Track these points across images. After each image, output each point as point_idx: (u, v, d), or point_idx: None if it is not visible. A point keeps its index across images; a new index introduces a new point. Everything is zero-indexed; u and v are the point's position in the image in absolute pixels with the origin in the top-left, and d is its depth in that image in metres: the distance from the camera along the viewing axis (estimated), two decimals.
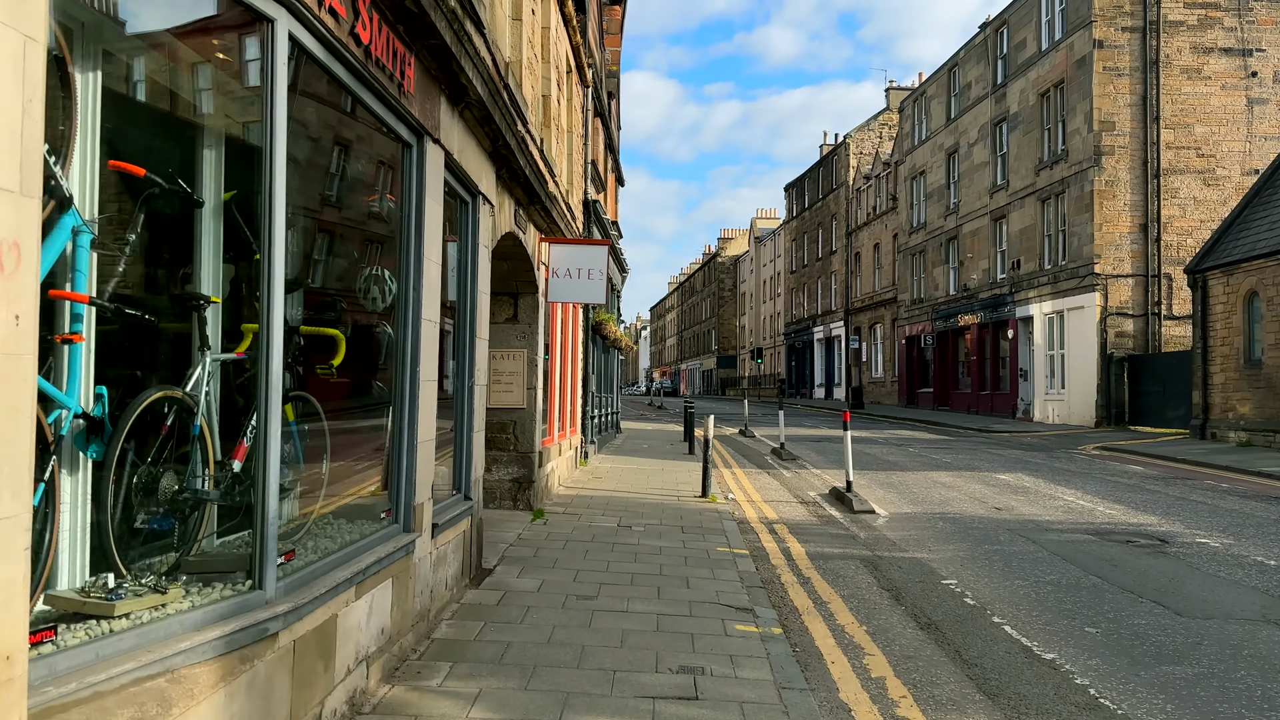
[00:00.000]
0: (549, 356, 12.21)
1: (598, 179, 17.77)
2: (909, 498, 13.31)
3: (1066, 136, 30.38)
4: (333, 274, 5.07)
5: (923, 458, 19.36)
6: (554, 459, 12.08)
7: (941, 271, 40.64)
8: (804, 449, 21.41)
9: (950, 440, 25.01)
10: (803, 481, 15.36)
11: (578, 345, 15.46)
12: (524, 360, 10.56)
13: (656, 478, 14.80)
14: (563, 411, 13.69)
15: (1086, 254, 29.02)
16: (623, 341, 19.86)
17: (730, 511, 11.60)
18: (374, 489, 5.44)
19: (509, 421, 10.57)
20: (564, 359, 13.74)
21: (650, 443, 22.88)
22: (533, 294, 10.61)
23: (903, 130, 45.71)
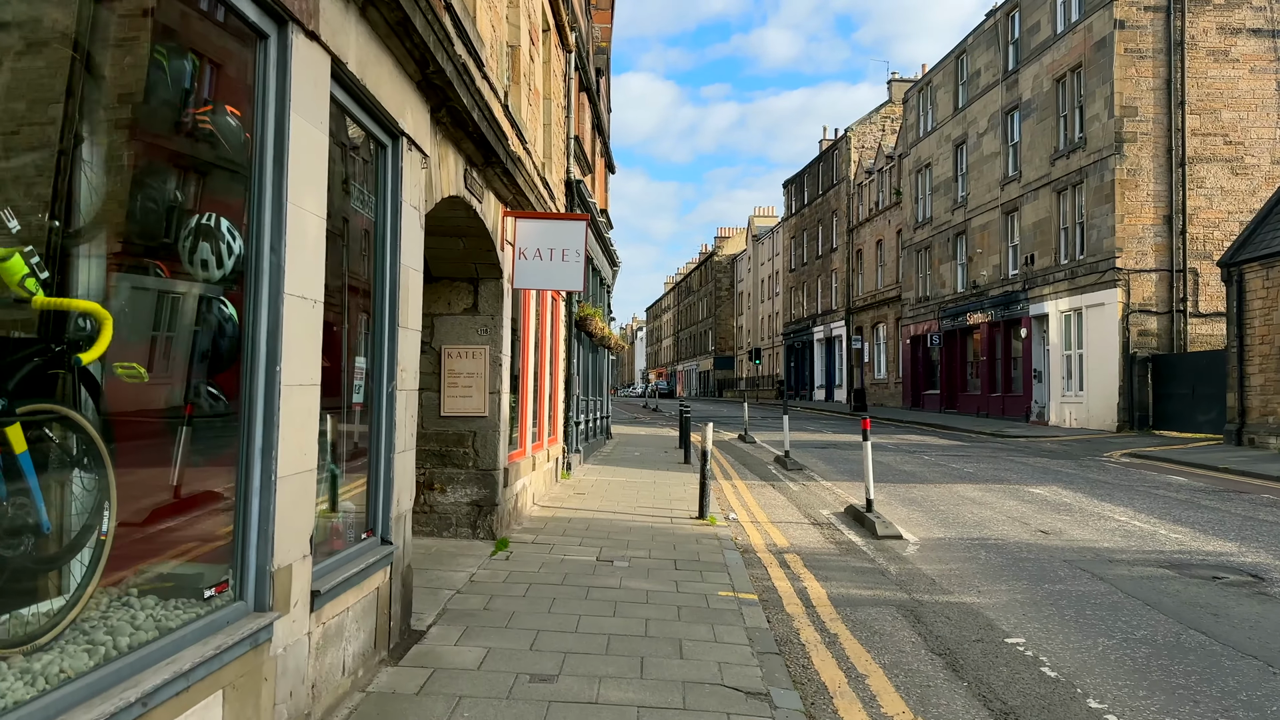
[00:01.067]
0: (519, 355, 10.44)
1: (583, 159, 16.02)
2: (938, 518, 11.55)
3: (1085, 123, 28.68)
4: (138, 220, 3.29)
5: (941, 467, 17.62)
6: (526, 475, 10.31)
7: (948, 268, 38.91)
8: (809, 457, 19.66)
9: (965, 446, 23.27)
10: (812, 497, 13.60)
11: (559, 343, 13.71)
12: (485, 359, 8.79)
13: (647, 493, 13.03)
14: (539, 418, 11.92)
15: (1107, 247, 27.31)
16: (612, 340, 18.11)
17: (732, 537, 9.84)
18: (209, 548, 3.65)
19: (467, 432, 8.81)
20: (541, 358, 11.99)
21: (643, 450, 21.11)
22: (496, 279, 8.84)
23: (907, 122, 44.01)
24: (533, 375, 10.90)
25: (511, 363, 10.41)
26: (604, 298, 21.54)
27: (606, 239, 20.11)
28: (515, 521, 9.74)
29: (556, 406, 13.70)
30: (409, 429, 5.61)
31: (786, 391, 64.39)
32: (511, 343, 10.34)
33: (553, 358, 13.56)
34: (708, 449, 10.73)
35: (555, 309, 13.60)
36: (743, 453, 21.20)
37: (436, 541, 8.59)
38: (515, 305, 10.35)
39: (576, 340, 15.95)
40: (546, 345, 12.09)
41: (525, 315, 10.50)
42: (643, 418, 41.91)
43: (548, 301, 12.08)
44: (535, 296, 11.18)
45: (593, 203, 15.73)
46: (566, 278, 8.72)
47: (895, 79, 53.33)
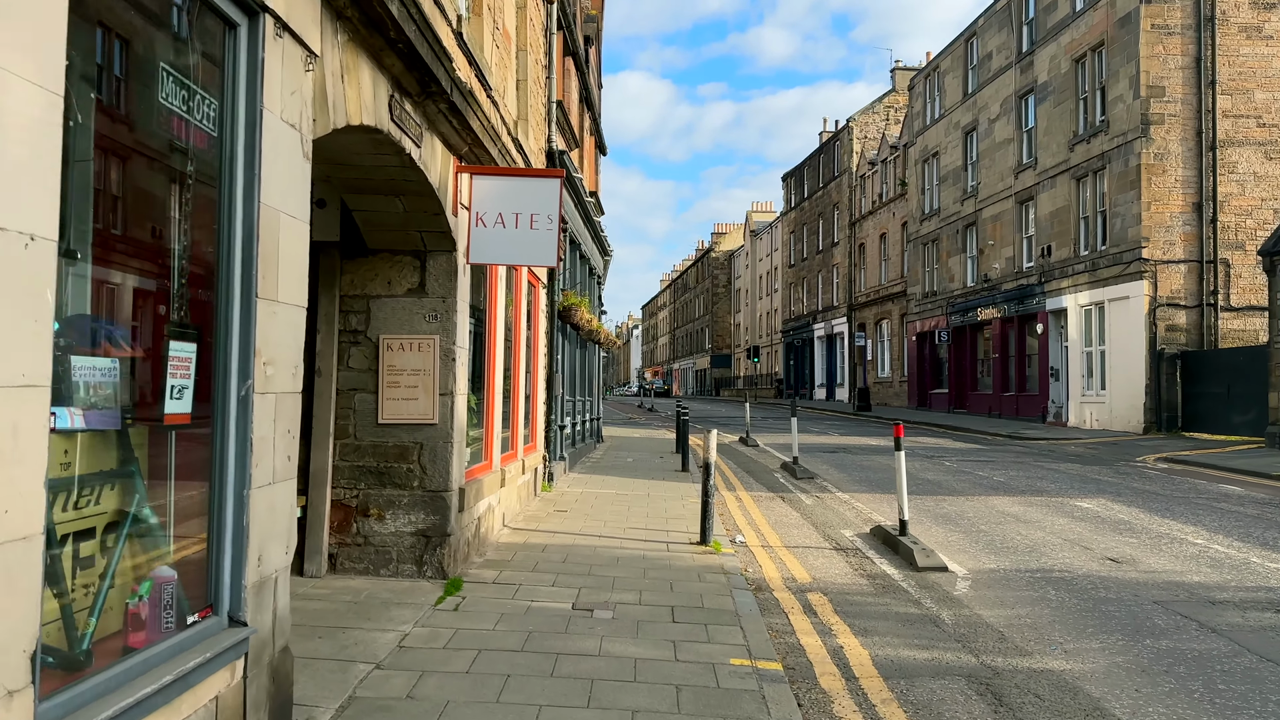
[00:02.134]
0: (485, 348, 8.67)
1: (568, 130, 14.24)
2: (982, 541, 9.79)
3: (1107, 105, 26.95)
4: None
5: (967, 475, 15.86)
6: (492, 493, 8.53)
7: (958, 261, 37.18)
8: (820, 463, 17.90)
9: (984, 450, 21.54)
10: (830, 513, 11.84)
11: (539, 336, 11.93)
12: (435, 352, 7.01)
13: (640, 509, 11.26)
14: (512, 424, 10.14)
15: (1132, 237, 25.59)
16: (602, 334, 16.33)
17: (741, 569, 8.08)
18: None
19: (411, 444, 7.03)
20: (515, 353, 10.21)
21: (636, 455, 19.34)
22: (448, 252, 7.07)
23: (913, 110, 42.27)
24: (502, 372, 9.12)
25: (475, 358, 8.63)
26: (594, 289, 19.76)
27: (596, 224, 18.34)
28: (476, 551, 7.97)
29: (536, 409, 11.92)
30: (284, 450, 3.83)
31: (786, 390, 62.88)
32: (475, 333, 8.56)
33: (531, 353, 11.79)
34: (711, 460, 8.96)
35: (535, 297, 11.83)
36: (745, 458, 19.43)
37: (370, 583, 6.81)
38: (479, 287, 8.56)
39: (561, 334, 14.17)
40: (522, 338, 10.31)
41: (492, 300, 8.72)
42: (637, 418, 40.16)
43: (522, 285, 10.30)
44: (506, 278, 9.39)
45: (579, 178, 13.95)
46: (538, 250, 6.94)
47: (899, 67, 51.59)
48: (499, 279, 8.75)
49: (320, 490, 6.95)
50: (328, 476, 6.97)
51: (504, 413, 9.67)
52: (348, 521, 7.01)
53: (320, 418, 6.98)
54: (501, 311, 9.01)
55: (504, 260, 7.08)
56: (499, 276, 8.74)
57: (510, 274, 10.05)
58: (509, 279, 9.86)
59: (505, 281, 9.24)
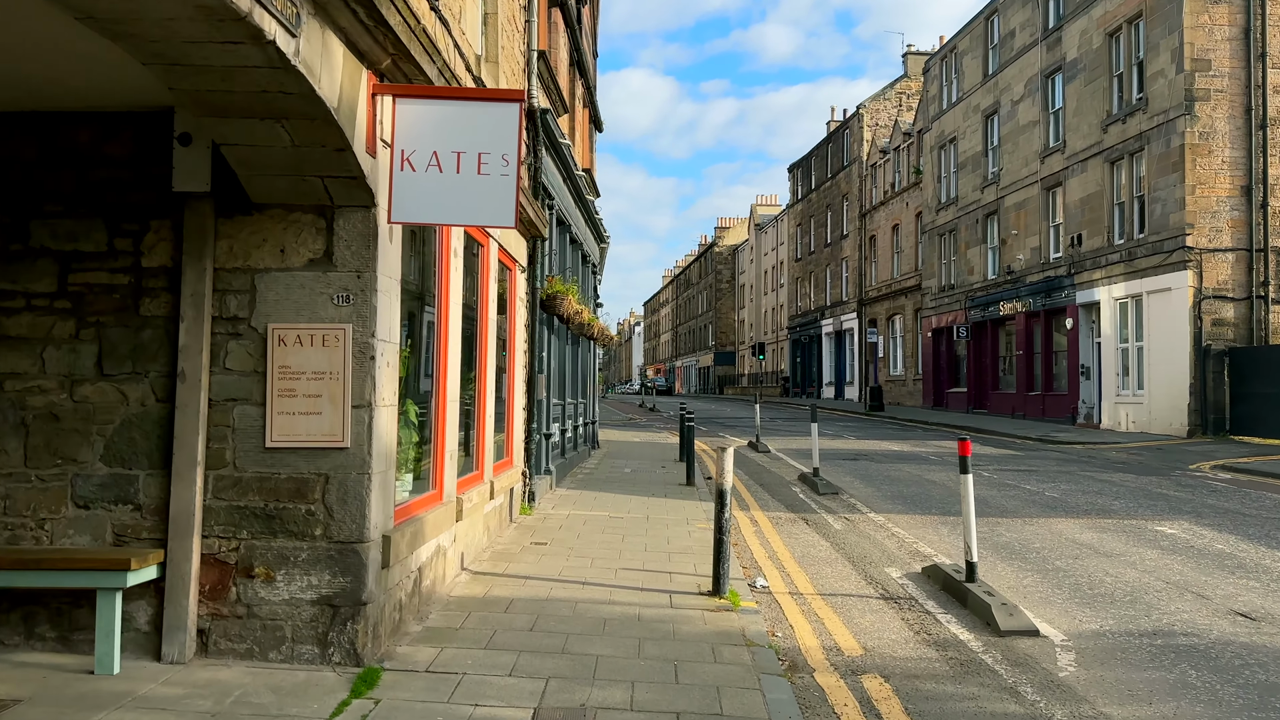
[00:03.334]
0: (436, 344, 6.67)
1: (555, 92, 12.23)
2: (1066, 586, 7.78)
3: (1145, 81, 24.88)
4: None
5: (1014, 489, 13.86)
6: (441, 532, 6.52)
7: (977, 252, 35.12)
8: (840, 472, 15.90)
9: (1019, 456, 19.53)
10: (865, 540, 9.83)
11: (515, 329, 9.92)
12: (345, 348, 5.02)
13: (637, 538, 9.26)
14: (478, 437, 8.14)
15: (1174, 224, 23.54)
16: (595, 328, 14.32)
17: (768, 632, 6.09)
18: None
19: (312, 477, 5.03)
20: (482, 350, 8.20)
21: (635, 464, 17.33)
22: (363, 208, 5.07)
23: (928, 94, 40.19)
24: (459, 373, 7.11)
25: (421, 355, 6.64)
26: (589, 279, 17.76)
27: (590, 206, 16.32)
28: (416, 615, 5.97)
29: (512, 417, 9.92)
30: None
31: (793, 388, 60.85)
32: (416, 323, 6.58)
33: (506, 350, 9.79)
34: (726, 487, 6.94)
35: (511, 283, 9.81)
36: (756, 467, 17.43)
37: (251, 674, 4.81)
38: (421, 261, 6.57)
39: (547, 328, 12.17)
40: (489, 331, 8.29)
41: (444, 280, 6.71)
42: (638, 419, 38.14)
43: (490, 265, 8.28)
44: (466, 252, 7.37)
45: (565, 144, 11.92)
46: (489, 203, 4.92)
47: (911, 51, 49.49)
48: (451, 252, 6.74)
49: (184, 541, 4.96)
50: (195, 522, 4.98)
51: (463, 425, 7.68)
52: (225, 584, 5.02)
53: (184, 439, 4.99)
54: (458, 296, 7.00)
55: (441, 218, 5.05)
56: (451, 249, 6.73)
57: (475, 250, 8.05)
58: (471, 255, 7.87)
59: (464, 257, 7.23)
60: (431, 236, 6.59)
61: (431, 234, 6.59)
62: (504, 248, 8.95)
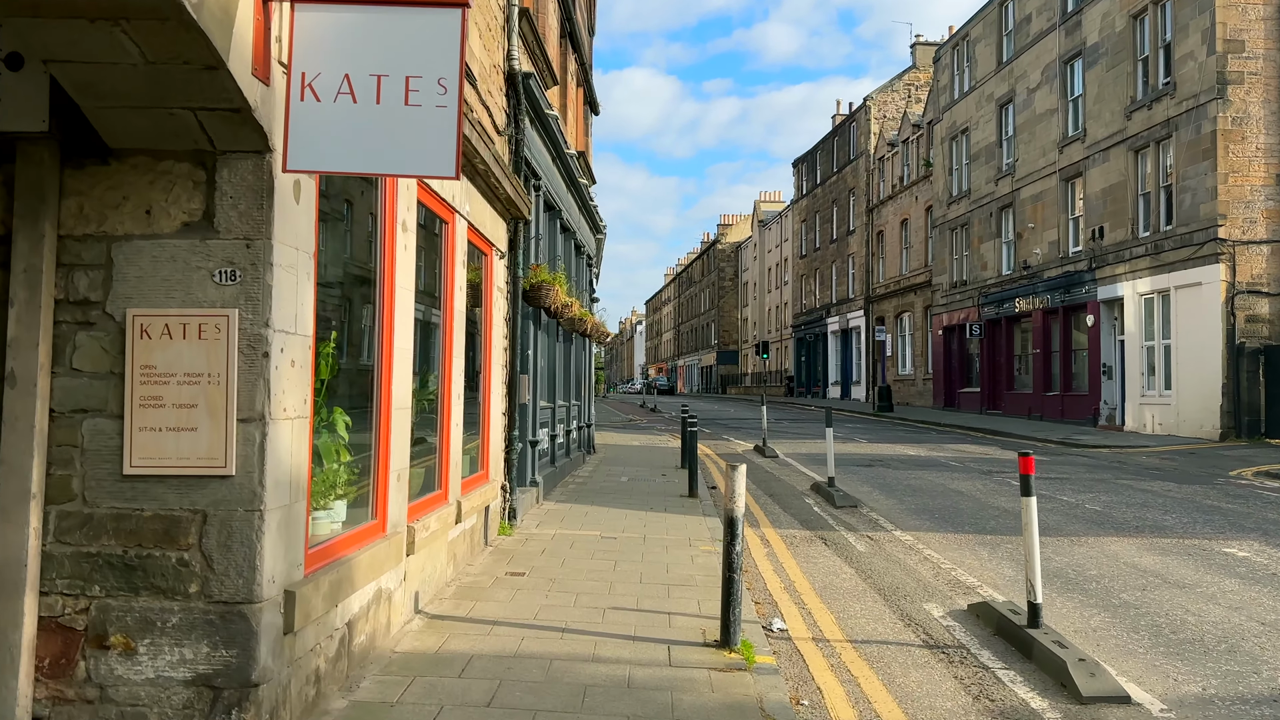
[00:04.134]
0: (380, 336, 5.38)
1: (540, 57, 10.94)
2: (1144, 627, 6.49)
3: (1173, 65, 23.56)
4: None
5: (1051, 501, 12.55)
6: (383, 573, 5.22)
7: (991, 247, 33.79)
8: (855, 481, 14.61)
9: (1045, 461, 18.20)
10: (895, 566, 8.54)
11: (491, 322, 8.63)
12: (228, 343, 3.74)
13: (631, 565, 7.98)
14: (442, 449, 6.86)
15: (1205, 214, 22.22)
16: (589, 323, 13.01)
17: (789, 701, 4.81)
18: None
19: (185, 515, 3.76)
20: (445, 344, 6.91)
21: (633, 471, 16.05)
22: (253, 154, 3.79)
23: (938, 84, 38.86)
24: (408, 375, 5.81)
25: (361, 353, 5.37)
26: (583, 271, 16.48)
27: (585, 192, 15.03)
28: (343, 684, 4.69)
29: (489, 423, 8.63)
30: None
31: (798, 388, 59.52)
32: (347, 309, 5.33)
33: (482, 347, 8.51)
34: (737, 514, 5.65)
35: (487, 270, 8.52)
36: (765, 474, 16.13)
37: None
38: (368, 235, 5.30)
39: (534, 324, 10.89)
40: (454, 324, 6.99)
41: (388, 256, 5.41)
42: (639, 420, 36.84)
43: (455, 243, 6.96)
44: (413, 223, 6.06)
45: (552, 116, 10.62)
46: (419, 146, 3.64)
47: (919, 42, 48.14)
48: (398, 224, 5.44)
49: (13, 600, 3.69)
50: (28, 575, 3.71)
51: (421, 436, 6.40)
52: (70, 658, 3.75)
53: (13, 464, 3.71)
54: (408, 279, 5.70)
55: (355, 166, 3.76)
56: (396, 220, 5.43)
57: (437, 227, 6.77)
58: (431, 233, 6.59)
59: (418, 233, 5.94)
60: (374, 198, 5.31)
61: (373, 196, 5.30)
62: (476, 227, 7.66)
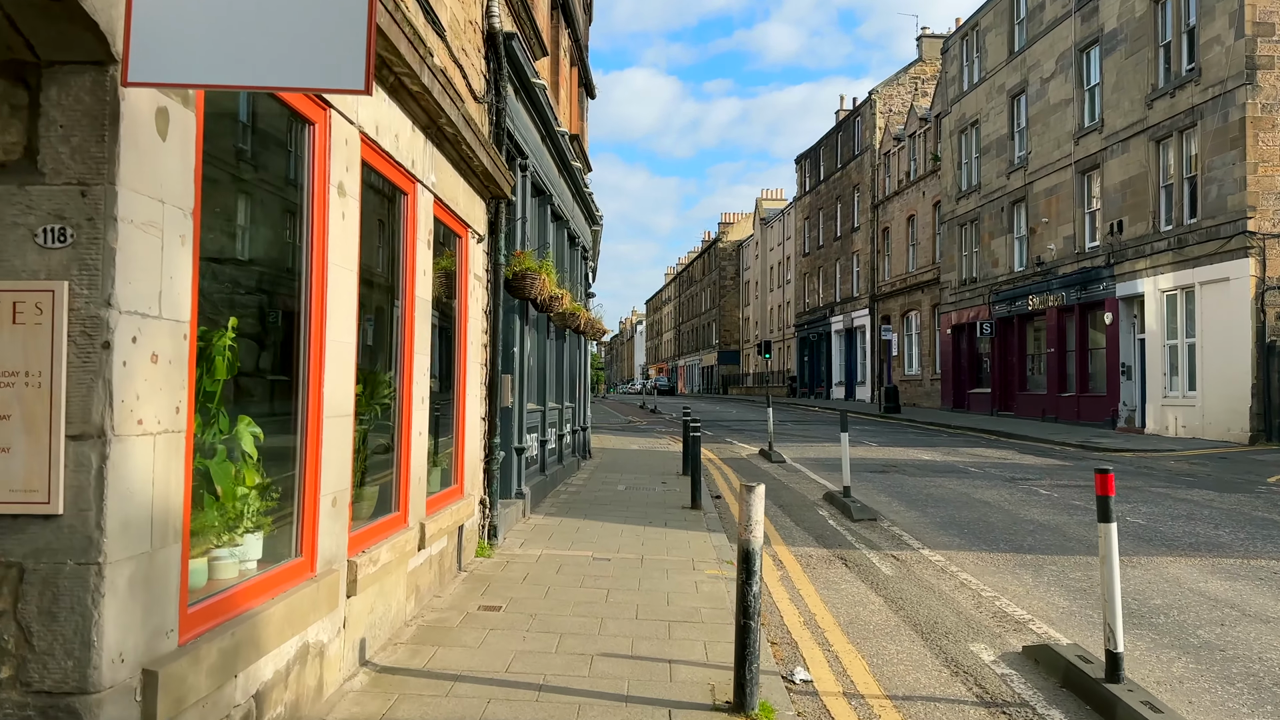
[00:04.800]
0: (302, 318, 4.29)
1: (527, 23, 9.86)
2: (1240, 679, 5.42)
3: (1198, 50, 22.48)
4: None
5: (1088, 511, 11.46)
6: (292, 638, 4.11)
7: (1002, 243, 32.70)
8: (870, 489, 13.53)
9: (1068, 467, 17.15)
10: (928, 592, 7.46)
11: (467, 314, 7.54)
12: (51, 333, 2.65)
13: (625, 598, 6.90)
14: (401, 464, 5.78)
15: (1233, 206, 21.14)
16: (582, 318, 11.94)
17: None
18: None
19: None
20: (406, 341, 5.83)
21: (631, 478, 14.97)
22: (92, 68, 2.72)
23: (946, 75, 37.78)
24: (347, 374, 4.73)
25: (281, 347, 4.31)
26: (578, 264, 15.40)
27: (578, 177, 13.94)
28: None
29: (464, 430, 7.54)
30: None
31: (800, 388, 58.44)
32: (262, 293, 4.26)
33: (456, 341, 7.44)
34: (754, 546, 4.56)
35: (461, 254, 7.43)
36: (773, 481, 15.05)
37: None
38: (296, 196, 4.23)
39: (519, 317, 9.81)
40: (415, 315, 5.90)
41: (317, 223, 4.31)
42: (638, 421, 35.76)
43: (418, 217, 5.86)
44: (355, 187, 4.98)
45: (539, 85, 9.53)
46: (309, 46, 2.59)
47: (926, 34, 47.07)
48: (329, 183, 4.35)
49: None
50: None
51: (372, 447, 5.33)
52: None
53: None
54: (347, 255, 4.62)
55: (222, 78, 2.66)
56: (327, 177, 4.34)
57: (391, 193, 5.70)
58: (381, 198, 5.51)
59: (361, 198, 4.85)
60: (301, 150, 4.23)
61: (300, 145, 4.23)
62: (446, 203, 6.58)
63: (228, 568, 3.76)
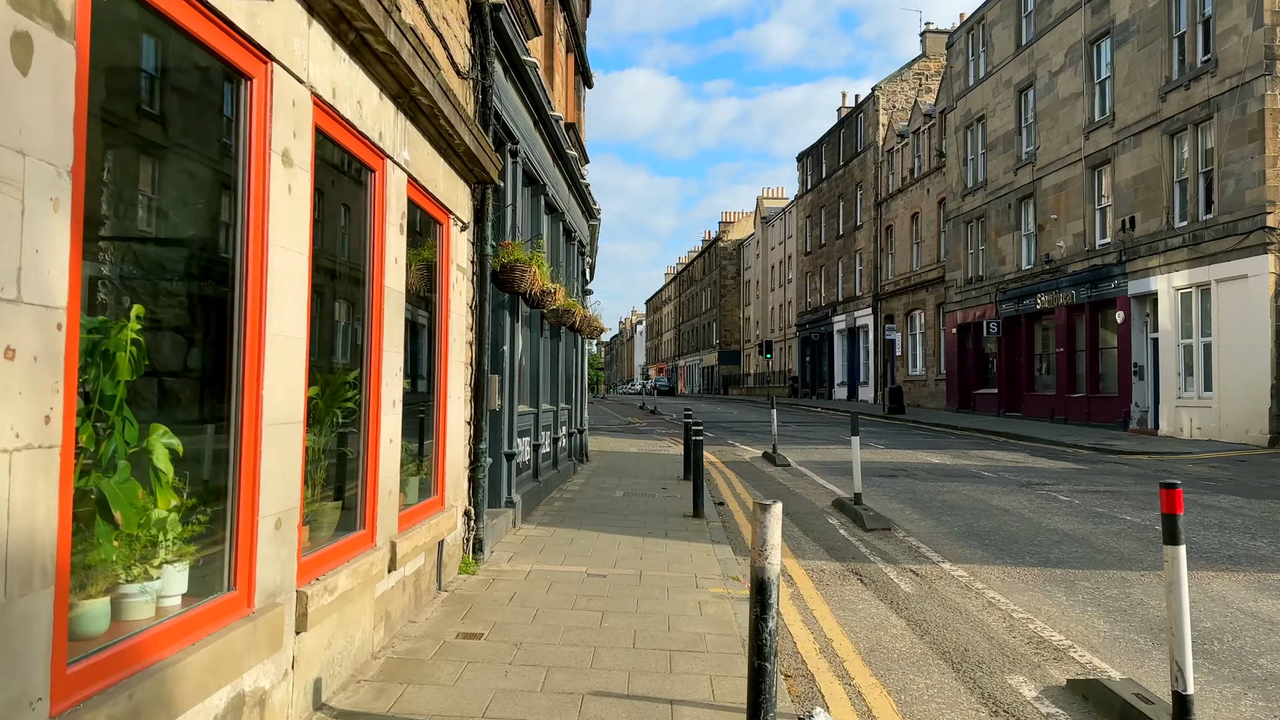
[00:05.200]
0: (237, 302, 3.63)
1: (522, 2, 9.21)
2: None
3: (1214, 41, 21.83)
4: None
5: (1112, 520, 10.81)
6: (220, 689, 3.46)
7: (1010, 240, 32.06)
8: (881, 495, 12.88)
9: (1084, 470, 16.49)
10: (954, 613, 6.81)
11: (449, 309, 6.89)
12: None
13: (621, 622, 6.26)
14: (367, 476, 5.13)
15: (1250, 201, 20.49)
16: (577, 315, 11.28)
17: None
18: None
19: None
20: (374, 337, 5.19)
21: (629, 483, 14.32)
22: None
23: (952, 70, 37.13)
24: (299, 375, 4.08)
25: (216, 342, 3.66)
26: (574, 260, 14.75)
27: (574, 168, 13.29)
28: None
29: (444, 435, 6.89)
30: None
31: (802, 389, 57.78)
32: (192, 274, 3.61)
33: (437, 337, 6.79)
34: (770, 575, 3.92)
35: (444, 242, 6.78)
36: (778, 487, 14.40)
37: None
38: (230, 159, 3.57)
39: (509, 313, 9.16)
40: (381, 306, 5.25)
41: (254, 195, 3.65)
42: (638, 423, 35.09)
43: (386, 197, 5.22)
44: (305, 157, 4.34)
45: (530, 64, 8.89)
46: None
47: (930, 30, 46.40)
48: (269, 147, 3.70)
49: None
50: None
51: (334, 456, 4.68)
52: None
53: None
54: (294, 234, 3.97)
55: None
56: (270, 144, 3.69)
57: (356, 171, 5.06)
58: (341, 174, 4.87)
59: (313, 169, 4.21)
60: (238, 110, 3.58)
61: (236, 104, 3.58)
62: (422, 184, 5.93)
63: (140, 607, 3.12)
